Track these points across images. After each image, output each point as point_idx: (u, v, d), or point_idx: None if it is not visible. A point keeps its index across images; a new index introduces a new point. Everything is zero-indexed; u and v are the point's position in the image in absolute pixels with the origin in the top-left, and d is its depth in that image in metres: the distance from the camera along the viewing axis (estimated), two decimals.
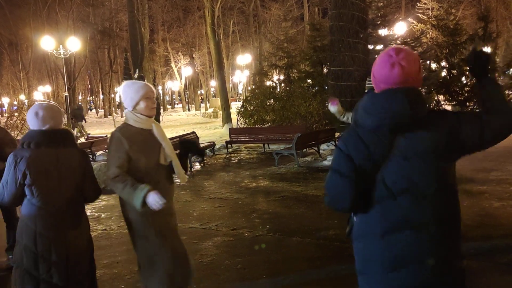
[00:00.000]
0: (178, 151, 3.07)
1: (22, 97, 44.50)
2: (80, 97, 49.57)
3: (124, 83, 2.93)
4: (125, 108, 2.91)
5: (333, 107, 4.78)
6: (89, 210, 6.54)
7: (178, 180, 2.96)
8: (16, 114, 18.75)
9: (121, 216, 2.99)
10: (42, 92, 46.32)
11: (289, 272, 4.01)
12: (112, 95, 50.42)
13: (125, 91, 2.85)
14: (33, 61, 41.62)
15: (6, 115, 27.67)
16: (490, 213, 5.44)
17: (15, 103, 48.78)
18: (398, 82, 1.74)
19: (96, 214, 6.53)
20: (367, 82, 4.60)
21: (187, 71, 44.70)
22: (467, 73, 19.89)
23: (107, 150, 2.88)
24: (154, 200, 2.61)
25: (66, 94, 23.13)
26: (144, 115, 2.83)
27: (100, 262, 4.21)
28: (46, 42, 20.36)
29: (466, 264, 3.85)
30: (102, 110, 49.48)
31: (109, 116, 40.61)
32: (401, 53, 1.76)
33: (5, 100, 57.42)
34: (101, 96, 53.40)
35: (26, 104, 19.64)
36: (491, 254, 4.12)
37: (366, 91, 4.57)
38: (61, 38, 22.26)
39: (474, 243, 4.43)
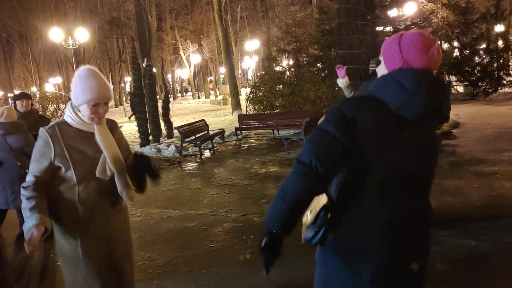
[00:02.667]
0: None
1: (33, 89, 44.94)
2: None
3: (81, 70, 2.30)
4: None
5: (341, 79, 4.70)
6: None
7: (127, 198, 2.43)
8: None
9: (132, 205, 2.86)
10: (53, 84, 46.70)
11: (298, 255, 4.03)
12: (122, 85, 50.62)
13: (75, 82, 2.29)
14: (43, 53, 41.89)
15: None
16: (501, 193, 5.39)
17: None
18: (436, 67, 1.67)
19: None
20: (370, 65, 4.55)
21: (195, 59, 44.66)
22: (480, 52, 19.57)
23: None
24: (28, 239, 2.10)
25: None
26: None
27: None
28: (55, 34, 20.44)
29: (475, 245, 3.87)
30: (113, 100, 49.83)
31: (120, 106, 40.93)
32: (436, 40, 1.69)
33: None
34: (111, 86, 53.65)
35: (38, 96, 19.81)
36: (501, 234, 4.10)
37: (370, 73, 4.52)
38: (69, 29, 22.36)
39: (484, 223, 4.41)
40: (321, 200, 1.69)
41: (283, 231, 1.68)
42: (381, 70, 1.75)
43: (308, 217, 1.72)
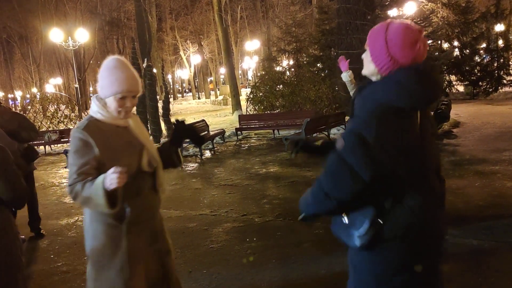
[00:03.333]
0: (169, 138, 2.47)
1: (34, 90, 44.94)
2: (91, 88, 49.85)
3: (110, 60, 2.17)
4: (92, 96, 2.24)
5: (345, 73, 4.68)
6: None
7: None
8: (29, 107, 19.00)
9: None
10: (53, 85, 46.70)
11: (299, 256, 4.03)
12: None
13: (103, 73, 2.16)
14: (43, 54, 41.83)
15: (19, 108, 27.99)
16: (503, 193, 5.38)
17: (28, 96, 49.25)
18: (422, 59, 1.65)
19: None
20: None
21: (196, 59, 44.68)
22: (480, 52, 19.56)
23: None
24: (110, 176, 1.92)
25: (77, 85, 23.29)
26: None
27: None
28: (55, 34, 20.43)
29: (477, 244, 3.86)
30: None
31: None
32: (422, 31, 1.66)
33: (18, 94, 58.06)
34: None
35: (38, 97, 19.82)
36: (504, 234, 4.08)
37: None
38: (69, 29, 22.34)
39: (486, 223, 4.40)
40: (365, 207, 1.64)
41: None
42: (367, 61, 1.71)
43: (345, 220, 1.69)
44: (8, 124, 4.55)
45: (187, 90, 68.48)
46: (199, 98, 48.93)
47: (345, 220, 1.69)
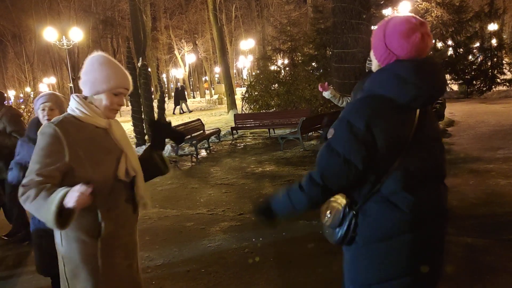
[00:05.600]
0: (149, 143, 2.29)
1: (27, 89, 44.66)
2: None
3: (99, 56, 1.99)
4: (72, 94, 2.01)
5: (326, 93, 4.79)
6: None
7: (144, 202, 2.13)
8: (22, 106, 18.91)
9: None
10: (47, 84, 46.44)
11: (296, 255, 4.06)
12: None
13: (93, 67, 1.95)
14: (37, 53, 41.60)
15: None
16: (496, 191, 5.43)
17: (21, 95, 48.95)
18: (424, 54, 1.59)
19: None
20: (367, 63, 4.58)
21: (190, 58, 44.53)
22: (474, 51, 19.68)
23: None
24: (72, 194, 1.67)
25: (71, 85, 23.19)
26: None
27: None
28: (49, 33, 20.31)
29: (471, 242, 3.90)
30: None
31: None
32: (424, 24, 1.60)
33: (11, 93, 57.69)
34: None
35: (32, 96, 19.72)
36: (497, 231, 4.13)
37: (367, 71, 4.56)
38: (63, 28, 22.20)
39: (480, 220, 4.45)
40: (340, 199, 1.66)
41: (283, 217, 1.78)
42: (372, 56, 1.71)
43: (328, 217, 1.69)
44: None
45: (193, 88, 68.24)
46: (194, 97, 48.83)
47: (328, 215, 1.69)
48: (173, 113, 25.30)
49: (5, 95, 5.25)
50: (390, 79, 1.55)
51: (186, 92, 29.05)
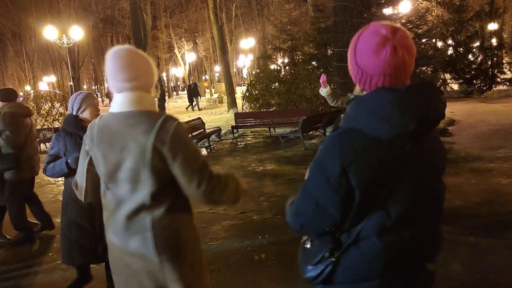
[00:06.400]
0: None
1: (27, 87, 44.63)
2: (85, 86, 49.61)
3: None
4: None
5: (324, 90, 4.80)
6: None
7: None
8: None
9: None
10: (47, 82, 46.41)
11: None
12: None
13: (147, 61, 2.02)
14: (37, 51, 41.53)
15: None
16: (498, 190, 5.43)
17: (21, 94, 48.95)
18: (406, 72, 1.35)
19: None
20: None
21: (190, 57, 44.51)
22: (474, 50, 19.69)
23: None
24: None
25: (71, 83, 23.16)
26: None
27: None
28: (49, 32, 20.28)
29: (474, 241, 3.90)
30: (107, 99, 49.64)
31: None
32: (398, 32, 1.33)
33: None
34: (106, 85, 53.46)
35: (32, 94, 19.68)
36: (499, 231, 4.13)
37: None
38: (63, 27, 22.19)
39: (483, 219, 4.45)
40: (326, 239, 1.46)
41: None
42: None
43: (308, 245, 1.53)
44: None
45: (181, 88, 68.31)
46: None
47: (307, 245, 1.52)
48: (186, 109, 26.24)
49: (14, 91, 5.13)
50: (368, 115, 1.31)
51: (199, 89, 29.34)
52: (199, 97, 26.98)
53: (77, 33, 20.92)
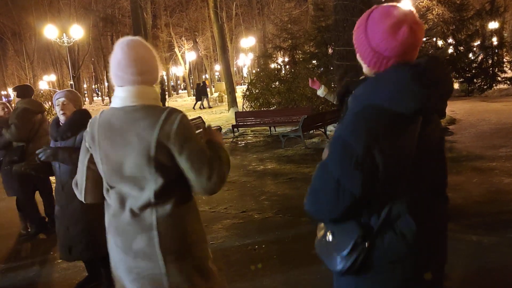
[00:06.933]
0: None
1: None
2: (85, 85, 49.58)
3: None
4: None
5: (319, 91, 4.82)
6: None
7: None
8: None
9: None
10: (47, 81, 46.39)
11: (300, 252, 4.04)
12: None
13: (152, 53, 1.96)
14: (37, 50, 41.54)
15: (14, 105, 27.76)
16: (500, 188, 5.42)
17: None
18: (418, 47, 1.36)
19: None
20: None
21: (191, 56, 44.47)
22: (475, 49, 19.68)
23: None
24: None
25: (71, 82, 23.16)
26: None
27: None
28: (49, 31, 20.26)
29: (477, 240, 3.88)
30: (108, 98, 49.61)
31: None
32: (409, 13, 1.35)
33: (11, 91, 57.54)
34: (106, 84, 53.47)
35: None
36: (502, 229, 4.12)
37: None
38: (64, 26, 22.17)
39: (485, 218, 4.43)
40: (350, 226, 1.43)
41: None
42: (358, 58, 1.48)
43: (329, 238, 1.48)
44: None
45: (182, 87, 68.29)
46: (194, 95, 48.76)
47: (329, 238, 1.48)
48: (193, 108, 26.24)
49: (30, 88, 5.26)
50: (389, 89, 1.31)
51: (207, 88, 29.40)
52: (207, 96, 27.17)
53: (77, 32, 20.90)
